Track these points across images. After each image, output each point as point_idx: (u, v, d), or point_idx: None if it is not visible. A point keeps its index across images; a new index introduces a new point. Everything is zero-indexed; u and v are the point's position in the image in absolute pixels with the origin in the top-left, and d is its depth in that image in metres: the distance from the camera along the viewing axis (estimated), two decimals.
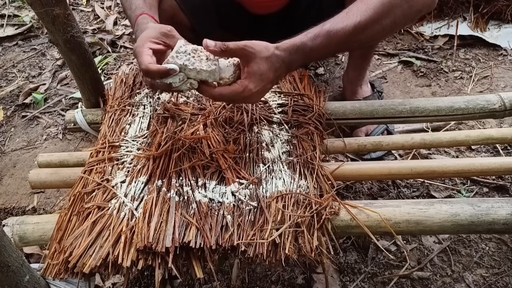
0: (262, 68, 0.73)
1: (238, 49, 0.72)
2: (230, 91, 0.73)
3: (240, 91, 0.73)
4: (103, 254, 0.66)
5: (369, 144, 0.96)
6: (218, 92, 0.74)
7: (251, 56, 0.72)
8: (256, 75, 0.73)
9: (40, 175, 0.90)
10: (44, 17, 0.91)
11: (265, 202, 0.73)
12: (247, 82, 0.73)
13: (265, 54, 0.73)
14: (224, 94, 0.74)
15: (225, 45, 0.72)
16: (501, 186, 1.15)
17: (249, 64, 0.73)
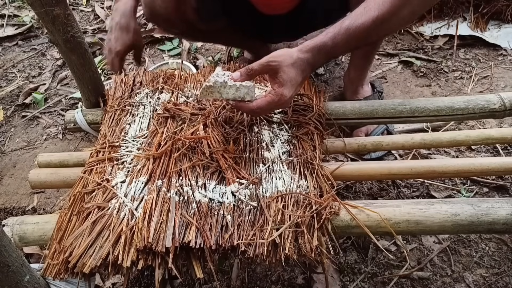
0: (291, 75, 0.77)
1: (263, 67, 0.78)
2: (266, 102, 0.78)
3: (277, 100, 0.78)
4: (103, 254, 0.66)
5: (369, 144, 0.96)
6: (256, 105, 0.79)
7: (278, 68, 0.77)
8: (287, 82, 0.77)
9: (40, 175, 0.90)
10: (44, 17, 0.91)
11: (265, 202, 0.73)
12: (281, 90, 0.77)
13: (289, 61, 0.77)
14: (261, 106, 0.79)
15: (249, 69, 0.79)
16: (501, 186, 1.15)
17: (278, 74, 0.77)
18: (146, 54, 1.87)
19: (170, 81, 1.07)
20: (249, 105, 0.80)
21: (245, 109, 0.82)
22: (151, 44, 1.93)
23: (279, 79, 0.77)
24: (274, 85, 0.79)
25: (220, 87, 0.79)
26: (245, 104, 0.81)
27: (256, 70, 0.79)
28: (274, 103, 0.78)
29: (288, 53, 0.78)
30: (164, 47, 1.87)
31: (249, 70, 0.79)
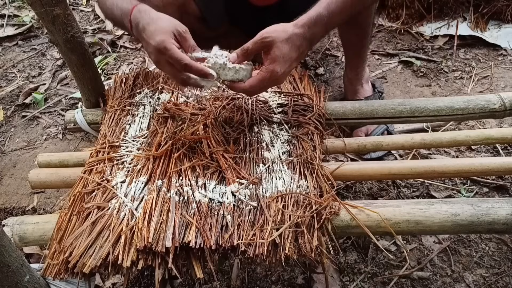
0: (284, 51, 0.75)
1: (257, 45, 0.76)
2: (257, 80, 0.77)
3: (268, 76, 0.76)
4: (103, 254, 0.66)
5: (369, 144, 0.96)
6: (248, 84, 0.78)
7: (271, 43, 0.75)
8: (279, 58, 0.75)
9: (40, 175, 0.90)
10: (44, 17, 0.91)
11: (265, 202, 0.73)
12: (272, 66, 0.75)
13: (283, 37, 0.75)
14: (254, 84, 0.77)
15: (244, 49, 0.76)
16: (501, 186, 1.15)
17: (270, 50, 0.75)
18: (146, 54, 1.87)
19: (170, 81, 1.07)
20: (242, 85, 0.78)
21: (238, 89, 0.80)
22: None
23: (271, 55, 0.75)
24: (266, 61, 0.77)
25: (219, 68, 0.77)
26: (238, 84, 0.79)
27: (251, 49, 0.77)
28: (266, 80, 0.77)
29: (283, 28, 0.76)
30: None
31: (244, 50, 0.77)
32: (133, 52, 1.90)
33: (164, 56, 0.72)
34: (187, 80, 0.75)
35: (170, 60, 0.72)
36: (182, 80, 0.75)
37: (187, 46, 0.76)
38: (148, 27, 0.75)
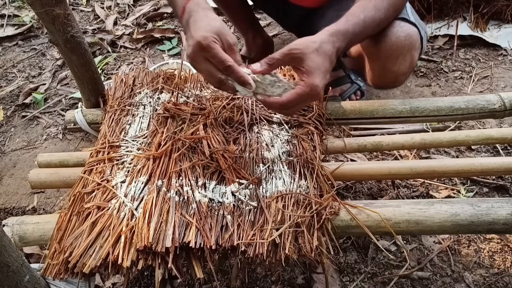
0: (318, 61, 0.72)
1: (284, 56, 0.72)
2: (297, 94, 0.72)
3: (308, 91, 0.71)
4: (103, 254, 0.66)
5: (369, 144, 0.96)
6: (286, 99, 0.72)
7: (301, 56, 0.71)
8: (316, 70, 0.71)
9: (40, 175, 0.90)
10: (44, 17, 0.91)
11: (265, 202, 0.73)
12: (311, 79, 0.71)
13: (313, 47, 0.72)
14: (292, 99, 0.72)
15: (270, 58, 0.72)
16: (501, 186, 1.15)
17: (303, 63, 0.71)
18: (146, 54, 1.87)
19: (170, 81, 1.07)
20: (279, 99, 0.73)
21: (274, 105, 0.74)
22: (151, 44, 1.93)
23: (306, 68, 0.71)
24: (302, 75, 0.72)
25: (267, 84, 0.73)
26: (274, 99, 0.73)
27: (278, 59, 0.73)
28: (306, 95, 0.71)
29: (310, 39, 0.73)
30: (163, 47, 1.87)
31: (270, 59, 0.72)
32: (133, 52, 1.90)
33: (205, 53, 0.70)
34: (223, 81, 0.71)
35: (212, 59, 0.70)
36: (218, 80, 0.72)
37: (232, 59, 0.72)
38: (199, 22, 0.74)
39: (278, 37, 1.83)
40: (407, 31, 0.90)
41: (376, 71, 0.97)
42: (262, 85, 0.74)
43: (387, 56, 0.93)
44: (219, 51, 0.70)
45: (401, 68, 0.95)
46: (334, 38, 0.75)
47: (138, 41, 1.95)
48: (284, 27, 1.59)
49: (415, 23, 0.93)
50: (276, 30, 1.83)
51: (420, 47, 0.96)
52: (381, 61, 0.94)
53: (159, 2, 2.18)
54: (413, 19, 0.94)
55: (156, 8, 2.15)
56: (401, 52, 0.92)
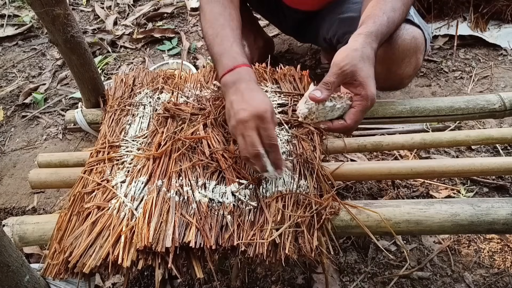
0: (366, 69, 0.72)
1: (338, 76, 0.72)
2: (360, 112, 0.72)
3: (369, 104, 0.72)
4: (103, 254, 0.66)
5: (369, 144, 0.96)
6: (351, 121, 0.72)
7: (352, 69, 0.71)
8: (368, 79, 0.72)
9: (40, 175, 0.90)
10: (44, 17, 0.91)
11: (265, 202, 0.73)
12: (367, 91, 0.71)
13: (358, 56, 0.72)
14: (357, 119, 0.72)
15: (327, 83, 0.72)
16: (501, 186, 1.15)
17: (355, 75, 0.71)
18: (146, 54, 1.87)
19: (170, 81, 1.07)
20: (344, 124, 0.73)
21: (339, 129, 0.74)
22: (151, 44, 1.93)
23: (359, 80, 0.71)
24: (355, 89, 0.72)
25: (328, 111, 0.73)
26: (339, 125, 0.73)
27: (334, 82, 0.72)
28: (367, 108, 0.72)
29: (351, 48, 0.73)
30: (163, 47, 1.87)
31: (328, 85, 0.72)
32: (133, 52, 1.90)
33: (260, 123, 0.69)
34: (261, 156, 0.69)
35: (263, 132, 0.69)
36: (256, 153, 0.69)
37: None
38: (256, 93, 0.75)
39: (278, 37, 1.83)
40: (412, 34, 0.90)
41: (381, 73, 0.96)
42: (323, 112, 0.73)
43: (393, 59, 0.93)
44: (272, 127, 0.70)
45: (406, 70, 0.94)
46: (369, 39, 0.75)
47: (138, 41, 1.95)
48: (282, 30, 1.59)
49: (419, 25, 0.92)
50: (277, 31, 1.83)
51: (424, 49, 0.95)
52: (386, 64, 0.94)
53: (159, 2, 2.18)
54: (417, 20, 0.93)
55: (156, 8, 2.15)
56: (407, 55, 0.91)
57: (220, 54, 0.83)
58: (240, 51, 0.83)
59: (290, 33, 1.53)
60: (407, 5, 0.85)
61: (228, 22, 0.87)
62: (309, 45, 1.71)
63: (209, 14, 0.90)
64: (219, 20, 0.87)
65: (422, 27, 0.93)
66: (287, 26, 1.42)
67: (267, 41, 1.62)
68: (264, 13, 1.51)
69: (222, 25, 0.87)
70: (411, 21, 0.91)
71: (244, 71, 0.79)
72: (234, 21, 0.88)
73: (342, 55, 0.72)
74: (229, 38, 0.84)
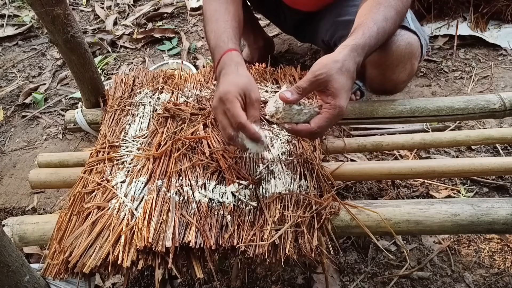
0: (342, 81, 0.72)
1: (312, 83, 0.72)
2: (325, 118, 0.72)
3: (336, 113, 0.71)
4: (103, 254, 0.66)
5: (369, 144, 0.96)
6: (316, 126, 0.72)
7: (327, 79, 0.71)
8: (340, 91, 0.71)
9: (40, 175, 0.90)
10: (44, 17, 0.91)
11: (265, 202, 0.73)
12: (337, 102, 0.71)
13: (337, 67, 0.72)
14: (322, 125, 0.72)
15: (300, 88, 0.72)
16: (501, 186, 1.15)
17: (328, 85, 0.71)
18: (146, 54, 1.87)
19: (170, 81, 1.07)
20: (308, 127, 0.72)
21: (303, 133, 0.74)
22: (151, 44, 1.93)
23: (331, 90, 0.71)
24: (326, 98, 0.72)
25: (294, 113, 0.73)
26: (303, 126, 0.73)
27: (306, 88, 0.72)
28: (334, 117, 0.71)
29: (332, 58, 0.73)
30: (163, 47, 1.87)
31: (299, 89, 0.72)
32: (133, 52, 1.90)
33: (223, 106, 0.71)
34: (234, 137, 0.71)
35: (228, 113, 0.71)
36: (228, 135, 0.71)
37: (250, 114, 0.72)
38: (228, 76, 0.77)
39: (278, 37, 1.83)
40: (407, 40, 0.90)
41: (376, 78, 0.96)
42: (289, 114, 0.73)
43: (387, 65, 0.92)
44: (233, 106, 0.70)
45: (401, 76, 0.94)
46: (355, 53, 0.75)
47: (138, 41, 1.95)
48: (283, 30, 1.60)
49: (415, 31, 0.92)
50: (277, 31, 1.83)
51: (420, 55, 0.95)
52: (380, 69, 0.94)
53: (159, 2, 2.18)
54: (413, 26, 0.93)
55: (156, 8, 2.15)
56: (401, 61, 0.91)
57: (213, 48, 0.85)
58: (226, 39, 0.83)
59: (290, 33, 1.54)
60: (400, 13, 0.84)
61: (223, 16, 0.89)
62: (309, 45, 1.71)
63: (208, 12, 0.92)
64: (215, 16, 0.90)
65: (418, 33, 0.93)
66: (288, 26, 1.43)
67: (267, 41, 1.62)
68: (265, 13, 1.51)
69: (216, 20, 0.88)
70: (406, 27, 0.91)
71: (227, 58, 0.80)
72: (229, 14, 0.90)
73: (321, 64, 0.73)
74: (220, 30, 0.86)
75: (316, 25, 1.25)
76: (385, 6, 0.82)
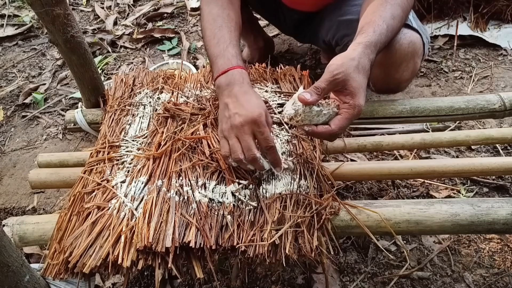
0: (359, 80, 0.71)
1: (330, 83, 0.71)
2: (346, 119, 0.71)
3: (355, 113, 0.71)
4: (103, 254, 0.66)
5: (369, 144, 0.96)
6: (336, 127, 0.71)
7: (344, 78, 0.70)
8: (358, 89, 0.71)
9: (40, 175, 0.90)
10: (44, 17, 0.91)
11: (265, 202, 0.73)
12: (356, 101, 0.71)
13: (353, 65, 0.71)
14: (342, 125, 0.71)
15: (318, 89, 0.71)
16: (501, 186, 1.15)
17: (347, 84, 0.71)
18: (146, 54, 1.87)
19: (170, 81, 1.07)
20: (329, 129, 0.71)
21: (323, 135, 0.72)
22: (151, 44, 1.93)
23: (349, 89, 0.70)
24: (344, 97, 0.71)
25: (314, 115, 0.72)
26: (323, 129, 0.71)
27: (325, 88, 0.71)
28: (353, 117, 0.71)
29: (347, 56, 0.72)
30: (163, 47, 1.87)
31: (318, 90, 0.71)
32: (133, 52, 1.91)
33: (256, 128, 0.71)
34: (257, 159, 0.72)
35: (259, 136, 0.72)
36: (253, 157, 0.71)
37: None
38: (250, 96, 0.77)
39: (278, 37, 1.83)
40: (410, 38, 0.89)
41: (379, 77, 0.96)
42: (309, 116, 0.72)
43: (390, 63, 0.92)
44: (267, 131, 0.72)
45: (404, 75, 0.94)
46: (368, 50, 0.75)
47: (138, 41, 1.95)
48: (282, 31, 1.60)
49: (417, 29, 0.92)
50: (277, 31, 1.82)
51: (422, 53, 0.95)
52: (383, 68, 0.93)
53: (159, 2, 2.18)
54: (415, 25, 0.93)
55: (156, 8, 2.15)
56: (404, 59, 0.91)
57: (216, 55, 0.84)
58: (235, 53, 0.84)
59: (290, 34, 1.54)
60: (406, 11, 0.85)
61: (226, 23, 0.88)
62: (309, 45, 1.71)
63: (208, 15, 0.91)
64: (217, 22, 0.88)
65: (420, 31, 0.93)
66: (287, 27, 1.43)
67: (267, 41, 1.62)
68: (264, 14, 1.51)
69: (220, 26, 0.88)
70: (409, 26, 0.91)
71: (238, 73, 0.80)
72: (232, 22, 0.89)
73: (338, 63, 0.72)
74: (225, 39, 0.85)
75: (316, 26, 1.25)
76: (392, 4, 0.82)
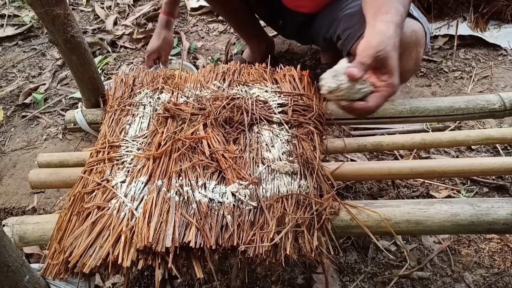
0: (395, 58, 0.70)
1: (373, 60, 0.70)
2: (383, 97, 0.70)
3: (392, 92, 0.70)
4: (103, 254, 0.66)
5: (369, 144, 0.96)
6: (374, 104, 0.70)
7: (385, 55, 0.69)
8: (395, 68, 0.70)
9: (40, 175, 0.90)
10: (44, 17, 0.91)
11: (265, 202, 0.73)
12: (393, 80, 0.70)
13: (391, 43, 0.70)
14: (380, 103, 0.71)
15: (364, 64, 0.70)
16: (501, 186, 1.15)
17: (386, 62, 0.70)
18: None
19: (170, 81, 1.07)
20: (366, 105, 0.70)
21: (360, 110, 0.71)
22: None
23: (388, 68, 0.69)
24: (382, 76, 0.70)
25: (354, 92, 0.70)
26: (360, 105, 0.71)
27: (370, 64, 0.70)
28: (390, 96, 0.71)
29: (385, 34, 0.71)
30: None
31: (364, 66, 0.70)
32: (133, 52, 1.90)
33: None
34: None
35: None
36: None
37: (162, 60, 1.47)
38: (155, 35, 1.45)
39: (278, 37, 1.83)
40: (412, 27, 0.88)
41: None
42: (349, 92, 0.70)
43: None
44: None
45: (407, 64, 0.93)
46: (399, 30, 0.74)
47: (138, 41, 1.95)
48: (284, 35, 1.61)
49: (418, 19, 0.92)
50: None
51: (425, 43, 0.95)
52: None
53: (159, 2, 2.18)
54: (416, 14, 0.93)
55: (156, 8, 2.15)
56: (407, 48, 0.90)
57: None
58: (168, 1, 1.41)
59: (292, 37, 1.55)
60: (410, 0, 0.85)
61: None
62: (309, 45, 1.71)
63: None
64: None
65: (421, 21, 0.92)
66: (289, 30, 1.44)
67: (268, 42, 1.62)
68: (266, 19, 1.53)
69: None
70: (410, 15, 0.90)
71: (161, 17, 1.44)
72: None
73: (378, 40, 0.70)
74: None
75: (316, 26, 1.26)
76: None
